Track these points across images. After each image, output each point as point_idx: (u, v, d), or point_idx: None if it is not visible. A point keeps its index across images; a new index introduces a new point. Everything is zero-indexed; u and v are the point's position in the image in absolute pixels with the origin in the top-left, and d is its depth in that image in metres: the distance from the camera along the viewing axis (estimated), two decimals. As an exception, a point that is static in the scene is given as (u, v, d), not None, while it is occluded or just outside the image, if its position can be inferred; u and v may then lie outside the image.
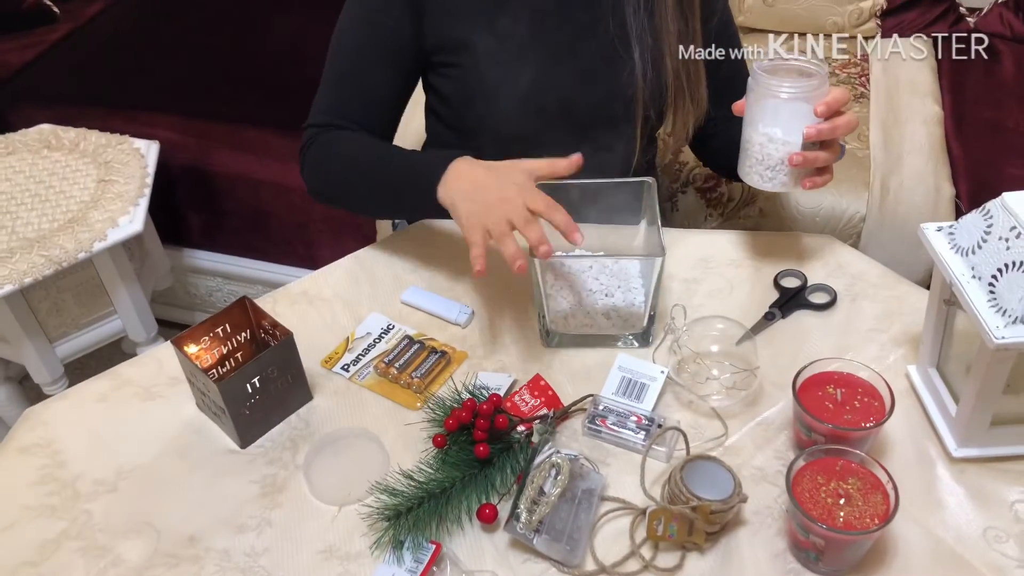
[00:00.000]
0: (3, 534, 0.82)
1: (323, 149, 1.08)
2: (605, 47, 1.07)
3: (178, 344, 0.89)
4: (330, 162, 1.08)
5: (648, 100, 1.09)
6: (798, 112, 0.93)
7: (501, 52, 1.06)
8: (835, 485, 0.77)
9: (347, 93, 1.09)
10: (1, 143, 1.71)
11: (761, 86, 0.94)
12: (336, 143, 1.08)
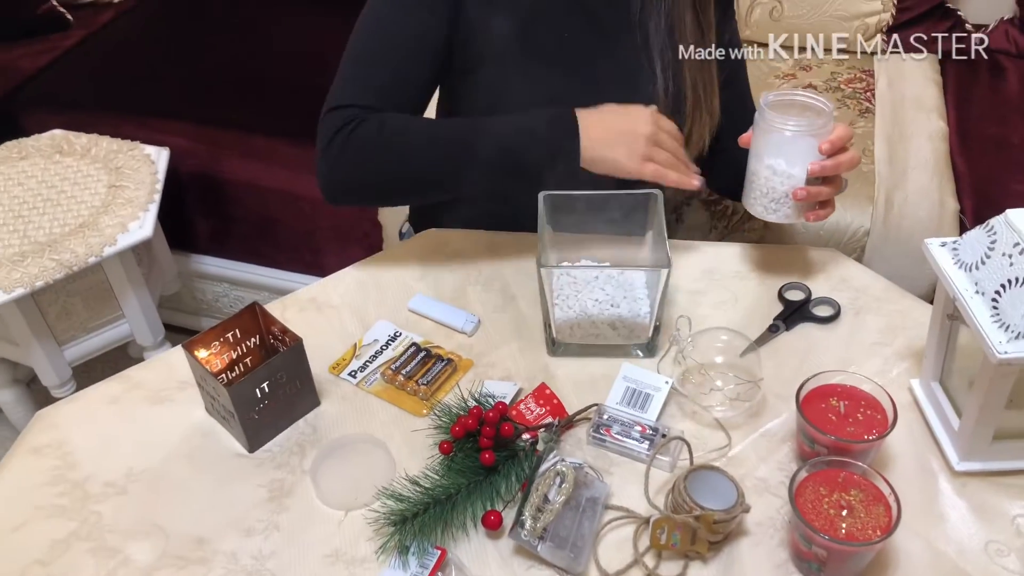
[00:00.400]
0: (14, 533, 0.83)
1: (379, 129, 1.00)
2: (627, 62, 1.08)
3: (189, 348, 0.90)
4: (393, 142, 1.00)
5: (669, 114, 1.09)
6: (803, 148, 0.96)
7: (526, 64, 1.06)
8: (837, 496, 0.77)
9: (382, 76, 1.03)
10: (14, 148, 1.73)
11: (767, 121, 0.96)
12: (394, 122, 1.01)
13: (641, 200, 1.02)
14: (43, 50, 2.12)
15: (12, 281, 1.43)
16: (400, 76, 1.04)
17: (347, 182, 1.04)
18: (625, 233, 1.05)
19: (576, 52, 1.08)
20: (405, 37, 1.03)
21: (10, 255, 1.48)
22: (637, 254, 1.06)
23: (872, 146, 1.58)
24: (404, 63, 1.03)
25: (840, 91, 1.74)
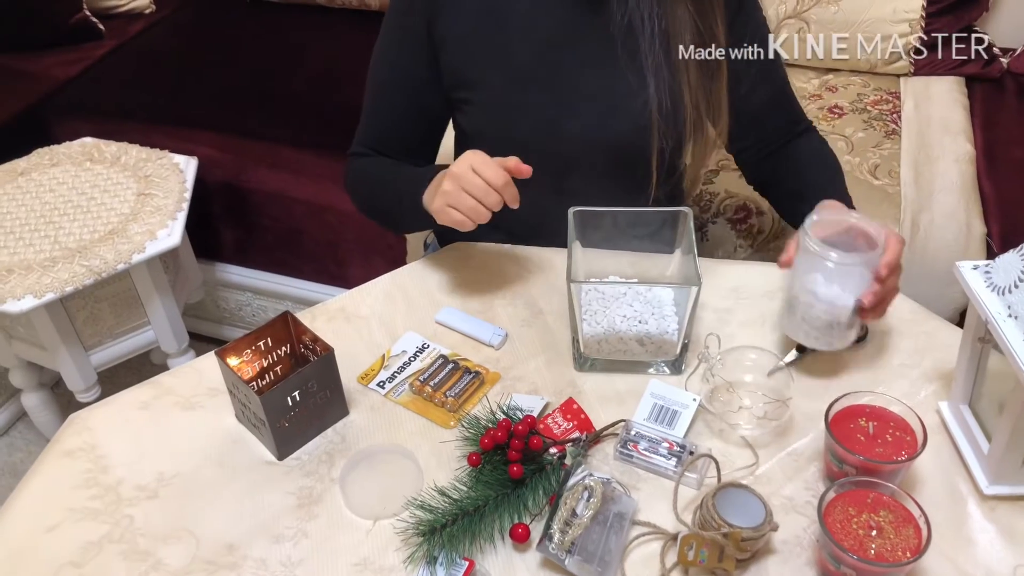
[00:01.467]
0: (48, 535, 0.84)
1: (353, 174, 1.20)
2: (619, 79, 1.07)
3: (221, 356, 0.91)
4: (357, 184, 1.20)
5: (664, 132, 1.08)
6: (847, 278, 0.92)
7: (512, 88, 1.08)
8: (867, 517, 0.77)
9: (378, 126, 1.17)
10: (46, 155, 1.76)
11: (809, 250, 0.92)
12: (361, 167, 1.18)
13: (670, 217, 1.02)
14: (75, 59, 2.15)
15: (43, 286, 1.45)
16: (393, 122, 1.16)
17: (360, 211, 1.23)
18: (653, 250, 1.06)
19: (567, 70, 1.08)
20: (393, 83, 1.13)
21: (41, 260, 1.50)
22: (665, 271, 1.06)
23: (898, 168, 1.58)
24: (395, 111, 1.15)
25: (866, 112, 1.74)
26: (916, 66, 1.82)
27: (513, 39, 1.07)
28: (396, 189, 1.13)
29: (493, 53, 1.07)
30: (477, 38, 1.07)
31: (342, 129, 1.78)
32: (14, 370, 1.72)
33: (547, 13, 1.06)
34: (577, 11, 1.06)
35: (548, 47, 1.07)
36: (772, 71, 1.15)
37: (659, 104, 1.07)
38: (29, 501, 0.88)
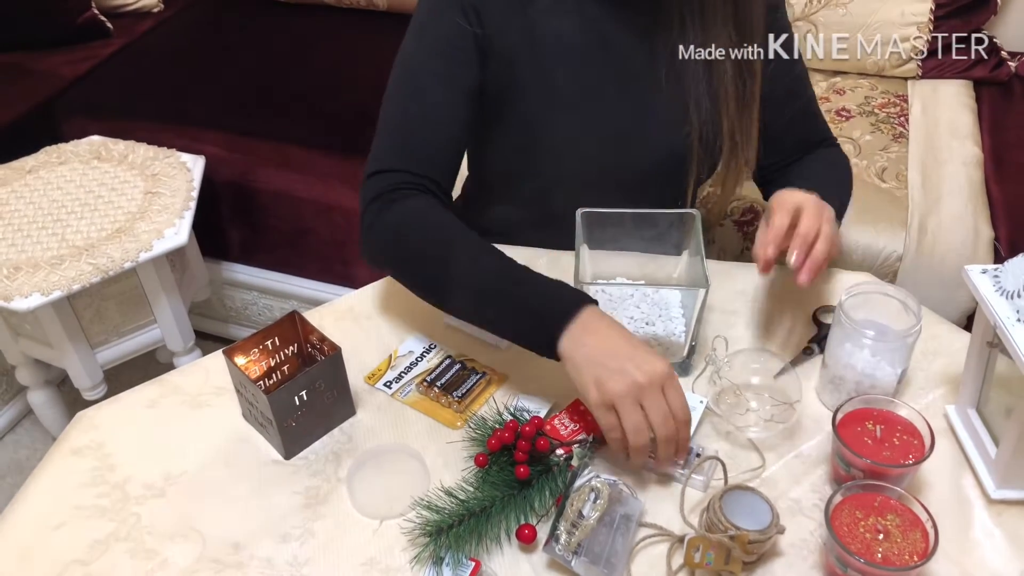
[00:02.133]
0: (55, 532, 0.84)
1: (402, 222, 0.97)
2: (662, 108, 1.06)
3: (229, 355, 0.91)
4: (412, 241, 0.97)
5: (701, 161, 1.09)
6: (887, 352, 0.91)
7: (550, 110, 1.05)
8: (874, 521, 0.77)
9: (420, 138, 1.01)
10: (54, 153, 1.76)
11: (845, 327, 0.91)
12: (425, 217, 0.97)
13: (677, 219, 1.02)
14: (83, 57, 2.16)
15: (50, 284, 1.45)
16: (436, 136, 1.01)
17: (373, 260, 1.03)
18: (661, 252, 1.06)
19: (606, 100, 1.06)
20: (438, 93, 1.01)
21: (48, 258, 1.50)
22: (672, 273, 1.06)
23: (906, 171, 1.58)
24: (439, 121, 1.01)
25: (874, 115, 1.74)
26: (924, 69, 1.82)
27: (555, 61, 1.03)
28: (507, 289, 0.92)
29: (534, 74, 1.03)
30: (521, 58, 1.03)
31: (350, 129, 1.80)
32: (20, 367, 1.72)
33: (590, 38, 1.03)
34: (621, 38, 1.04)
35: (589, 71, 1.05)
36: (799, 88, 1.14)
37: (700, 134, 1.06)
38: (36, 499, 0.88)
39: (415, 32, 1.03)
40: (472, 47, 1.00)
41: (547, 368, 1.00)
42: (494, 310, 0.93)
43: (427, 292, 0.99)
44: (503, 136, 1.09)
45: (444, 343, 1.03)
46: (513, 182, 1.14)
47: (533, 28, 1.01)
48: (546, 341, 0.87)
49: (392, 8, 2.23)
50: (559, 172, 1.05)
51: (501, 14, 1.00)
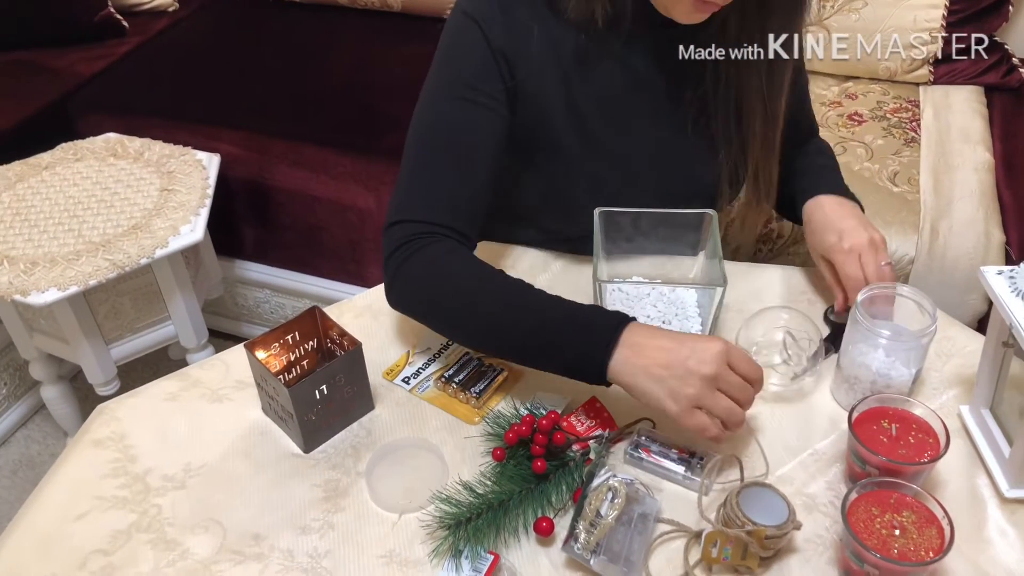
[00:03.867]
0: (77, 522, 0.85)
1: (430, 267, 0.95)
2: (693, 148, 1.08)
3: (250, 348, 0.92)
4: (441, 285, 0.95)
5: (730, 198, 1.12)
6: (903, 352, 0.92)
7: (582, 150, 1.05)
8: (890, 517, 0.78)
9: (444, 189, 0.98)
10: (70, 150, 1.78)
11: (861, 327, 0.92)
12: (448, 263, 0.95)
13: (695, 219, 1.03)
14: (99, 55, 2.17)
15: (66, 279, 1.46)
16: (463, 185, 0.99)
17: (399, 306, 1.01)
18: (677, 252, 1.07)
19: (638, 142, 1.07)
20: (462, 142, 0.98)
21: (65, 254, 1.51)
22: (688, 273, 1.07)
23: (918, 175, 1.59)
24: (466, 170, 0.99)
25: (886, 120, 1.75)
26: (936, 75, 1.83)
27: (588, 105, 1.03)
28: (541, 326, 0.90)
29: (567, 119, 1.03)
30: (553, 103, 1.02)
31: (364, 128, 1.81)
32: (34, 362, 1.73)
33: (622, 81, 1.04)
34: (652, 81, 1.05)
35: (621, 114, 1.05)
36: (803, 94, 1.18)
37: (728, 175, 1.09)
38: (58, 489, 0.89)
39: (440, 73, 1.01)
40: (502, 94, 0.99)
41: (564, 365, 1.01)
42: (533, 351, 0.92)
43: (462, 339, 0.99)
44: (534, 176, 1.08)
45: (461, 340, 1.04)
46: (540, 214, 1.14)
47: (566, 74, 1.01)
48: (595, 372, 0.87)
49: (407, 9, 2.24)
50: (589, 207, 1.05)
51: (533, 61, 0.99)
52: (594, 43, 1.00)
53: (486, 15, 0.98)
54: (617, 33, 0.99)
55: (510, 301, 0.92)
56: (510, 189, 1.10)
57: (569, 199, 1.09)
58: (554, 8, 0.99)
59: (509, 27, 0.98)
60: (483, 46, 0.97)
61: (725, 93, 1.05)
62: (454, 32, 1.01)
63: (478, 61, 0.98)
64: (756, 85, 1.03)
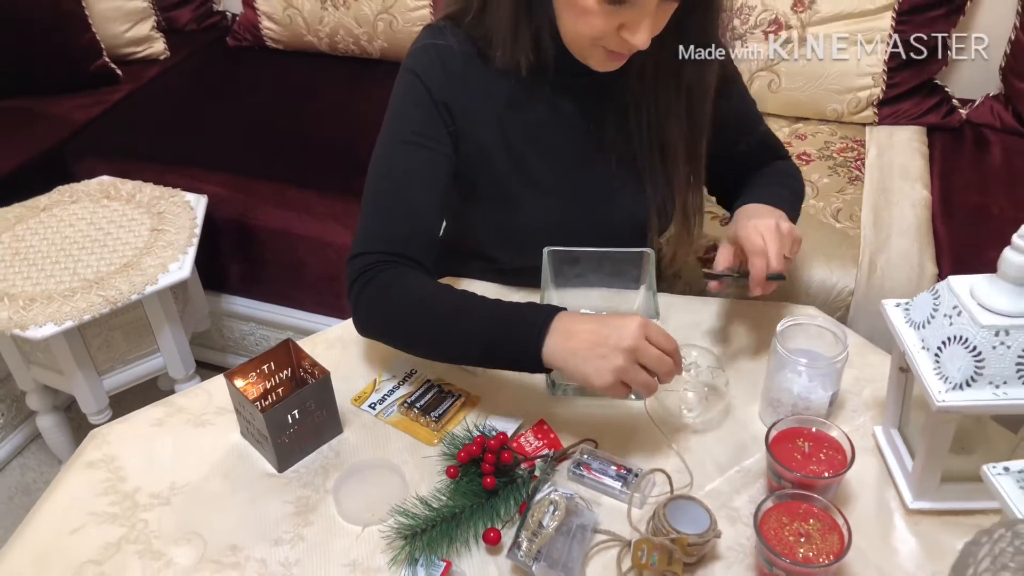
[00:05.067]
0: (72, 536, 0.94)
1: (386, 290, 1.06)
2: (620, 184, 1.18)
3: (229, 377, 1.02)
4: (396, 304, 1.06)
5: (658, 228, 1.22)
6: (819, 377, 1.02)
7: (523, 191, 1.16)
8: (797, 525, 0.87)
9: (398, 222, 1.10)
10: (66, 192, 1.88)
11: (780, 355, 1.01)
12: (401, 284, 1.06)
13: (635, 257, 1.13)
14: (94, 102, 2.27)
15: (63, 314, 1.56)
16: (411, 220, 1.10)
17: (364, 331, 1.11)
18: (622, 287, 1.17)
19: (572, 177, 1.18)
20: (412, 180, 1.10)
21: (61, 290, 1.61)
22: (632, 306, 1.17)
23: (859, 212, 1.69)
24: (417, 205, 1.10)
25: (832, 159, 1.86)
26: (880, 116, 1.95)
27: (522, 145, 1.15)
28: (482, 328, 1.01)
29: (505, 157, 1.14)
30: (491, 144, 1.14)
31: (344, 170, 1.92)
32: (31, 393, 1.82)
33: (552, 121, 1.15)
34: (580, 121, 1.16)
35: (555, 152, 1.16)
36: (751, 122, 1.27)
37: (657, 208, 1.19)
38: (55, 506, 0.98)
39: (391, 123, 1.13)
40: (445, 137, 1.11)
41: (516, 391, 1.11)
42: (479, 350, 1.02)
43: (419, 350, 1.08)
44: (480, 211, 1.20)
45: (423, 369, 1.14)
46: (489, 246, 1.26)
47: (500, 117, 1.13)
48: (532, 359, 0.97)
49: (384, 56, 2.36)
50: (530, 238, 1.16)
51: (470, 109, 1.12)
52: (523, 88, 1.12)
53: (427, 71, 1.11)
54: (543, 79, 1.11)
55: (455, 309, 1.03)
56: (460, 224, 1.23)
57: (513, 232, 1.20)
58: (485, 60, 1.11)
59: (447, 80, 1.11)
60: (427, 98, 1.10)
61: (648, 134, 1.15)
62: (401, 86, 1.13)
63: (423, 111, 1.11)
64: (677, 126, 1.14)
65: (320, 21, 2.34)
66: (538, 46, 1.08)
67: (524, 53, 1.07)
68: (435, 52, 1.11)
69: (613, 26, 0.99)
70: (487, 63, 1.11)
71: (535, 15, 1.05)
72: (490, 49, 1.10)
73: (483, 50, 1.11)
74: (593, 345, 0.94)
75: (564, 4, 1.01)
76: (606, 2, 0.96)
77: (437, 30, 1.13)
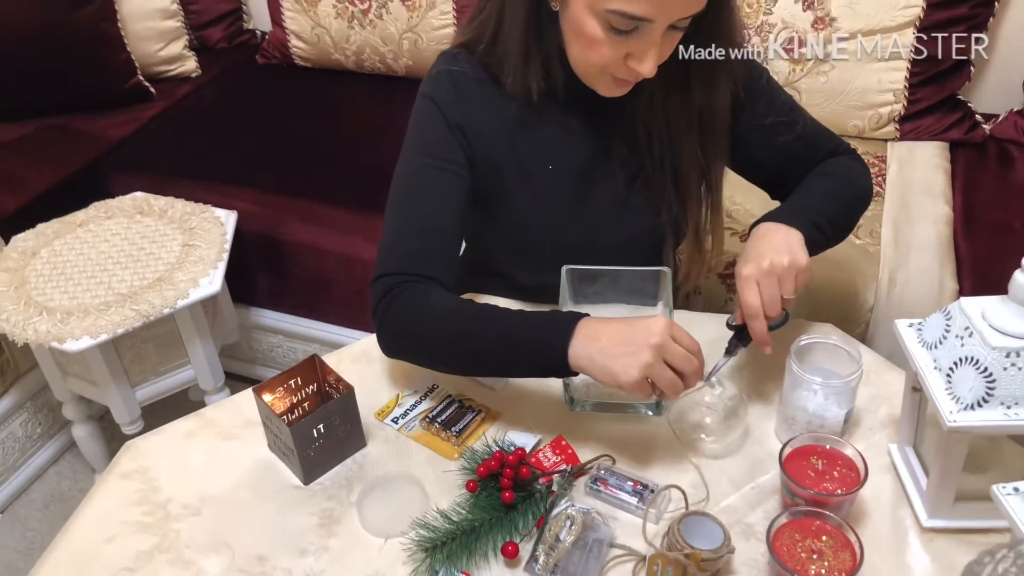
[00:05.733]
0: (107, 544, 0.98)
1: (409, 307, 1.08)
2: (632, 203, 1.21)
3: (257, 392, 1.05)
4: (420, 319, 1.08)
5: (673, 247, 1.24)
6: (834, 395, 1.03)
7: (534, 206, 1.19)
8: (810, 542, 0.89)
9: (418, 243, 1.12)
10: (101, 208, 1.93)
11: (795, 374, 1.03)
12: (424, 300, 1.08)
13: (652, 275, 1.15)
14: (128, 120, 2.33)
15: (98, 328, 1.61)
16: (434, 238, 1.13)
17: (390, 350, 1.13)
18: (641, 303, 1.19)
19: (585, 197, 1.20)
20: (431, 202, 1.13)
21: (96, 304, 1.66)
22: (649, 323, 1.19)
23: (879, 228, 1.70)
24: (436, 225, 1.13)
25: (853, 175, 1.87)
26: (902, 131, 1.95)
27: (535, 165, 1.18)
28: (507, 332, 1.03)
29: (518, 177, 1.18)
30: (505, 165, 1.17)
31: (370, 186, 1.95)
32: (67, 403, 1.88)
33: (565, 143, 1.18)
34: (588, 142, 1.19)
35: (567, 172, 1.19)
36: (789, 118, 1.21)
37: (671, 226, 1.21)
38: (91, 515, 1.02)
39: (410, 147, 1.17)
40: (462, 159, 1.15)
41: (535, 406, 1.13)
42: (506, 357, 1.04)
43: (443, 360, 1.10)
44: (495, 230, 1.24)
45: (445, 384, 1.17)
46: (504, 263, 1.29)
47: (512, 139, 1.17)
48: (559, 361, 0.99)
49: (409, 73, 2.40)
50: (545, 255, 1.19)
51: (483, 131, 1.15)
52: (534, 109, 1.15)
53: (443, 97, 1.14)
54: (555, 102, 1.15)
55: (480, 316, 1.06)
56: (478, 243, 1.27)
57: (527, 249, 1.23)
58: (498, 84, 1.15)
59: (461, 104, 1.14)
60: (443, 123, 1.14)
61: (659, 156, 1.18)
62: (419, 112, 1.17)
63: (440, 135, 1.15)
64: (689, 150, 1.17)
65: (347, 40, 2.39)
66: (548, 72, 1.11)
67: (535, 79, 1.11)
68: (449, 78, 1.15)
69: (620, 55, 1.02)
70: (499, 87, 1.14)
71: (545, 43, 1.09)
72: (502, 75, 1.13)
73: (496, 75, 1.15)
74: (620, 343, 0.96)
75: (572, 33, 1.04)
76: (613, 32, 0.99)
77: (452, 57, 1.17)
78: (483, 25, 1.13)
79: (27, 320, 1.62)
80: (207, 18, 2.65)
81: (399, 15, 2.29)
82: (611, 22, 0.98)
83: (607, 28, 0.99)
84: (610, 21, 0.98)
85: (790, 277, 1.06)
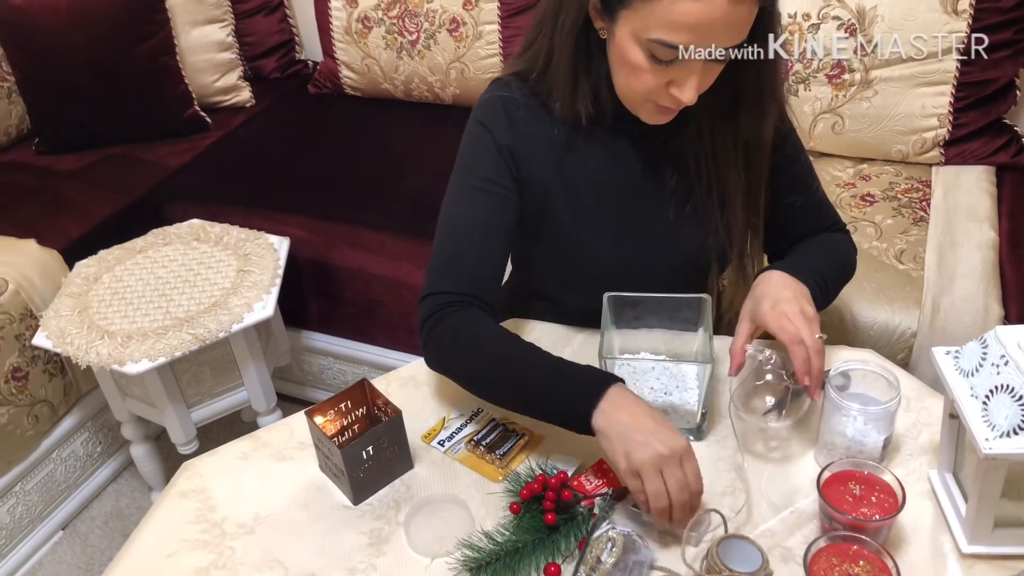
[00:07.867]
0: (166, 560, 1.03)
1: (454, 332, 1.12)
2: (678, 228, 1.23)
3: (309, 415, 1.10)
4: (463, 346, 1.12)
5: (719, 271, 1.27)
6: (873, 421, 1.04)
7: (580, 228, 1.22)
8: (847, 567, 0.90)
9: (466, 265, 1.16)
10: (160, 235, 2.01)
11: (833, 400, 1.04)
12: (469, 327, 1.12)
13: (693, 302, 1.18)
14: (186, 149, 2.42)
15: (156, 351, 1.67)
16: (479, 261, 1.16)
17: (432, 366, 1.18)
18: (681, 328, 1.21)
19: (631, 220, 1.23)
20: (480, 224, 1.17)
21: (155, 328, 1.73)
22: (691, 348, 1.21)
23: (923, 253, 1.70)
24: (485, 248, 1.17)
25: (896, 200, 1.87)
26: (947, 156, 1.94)
27: (582, 187, 1.20)
28: (540, 376, 1.07)
29: (565, 199, 1.20)
30: (552, 187, 1.20)
31: (418, 213, 2.01)
32: (125, 424, 1.95)
33: (611, 166, 1.21)
34: (635, 167, 1.22)
35: (614, 196, 1.22)
36: (803, 182, 1.27)
37: (716, 252, 1.24)
38: (152, 532, 1.07)
39: (460, 170, 1.21)
40: (511, 183, 1.18)
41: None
42: (532, 407, 1.09)
43: (479, 391, 1.14)
44: (542, 250, 1.27)
45: (489, 408, 1.20)
46: (551, 286, 1.32)
47: (560, 162, 1.20)
48: (581, 422, 1.01)
49: (457, 102, 2.46)
50: (589, 278, 1.22)
51: (532, 155, 1.19)
52: (582, 134, 1.19)
53: (493, 121, 1.18)
54: (603, 127, 1.18)
55: (518, 355, 1.10)
56: (524, 266, 1.30)
57: (573, 272, 1.26)
58: (548, 111, 1.19)
59: (512, 128, 1.18)
60: (493, 147, 1.18)
61: (705, 181, 1.21)
62: (470, 136, 1.21)
63: (490, 159, 1.18)
64: (735, 178, 1.19)
65: (396, 70, 2.46)
66: (597, 99, 1.15)
67: (584, 105, 1.15)
68: (501, 104, 1.19)
69: (663, 82, 1.05)
70: (549, 112, 1.19)
71: (593, 70, 1.13)
72: (552, 101, 1.17)
73: (546, 102, 1.19)
74: (641, 429, 0.98)
75: (617, 61, 1.08)
76: (655, 61, 1.03)
77: (503, 83, 1.21)
78: (535, 55, 1.17)
79: (90, 344, 1.69)
80: (261, 49, 2.75)
81: (446, 46, 2.35)
82: (653, 51, 1.02)
83: (650, 57, 1.03)
84: (652, 50, 1.02)
85: (816, 322, 1.10)
